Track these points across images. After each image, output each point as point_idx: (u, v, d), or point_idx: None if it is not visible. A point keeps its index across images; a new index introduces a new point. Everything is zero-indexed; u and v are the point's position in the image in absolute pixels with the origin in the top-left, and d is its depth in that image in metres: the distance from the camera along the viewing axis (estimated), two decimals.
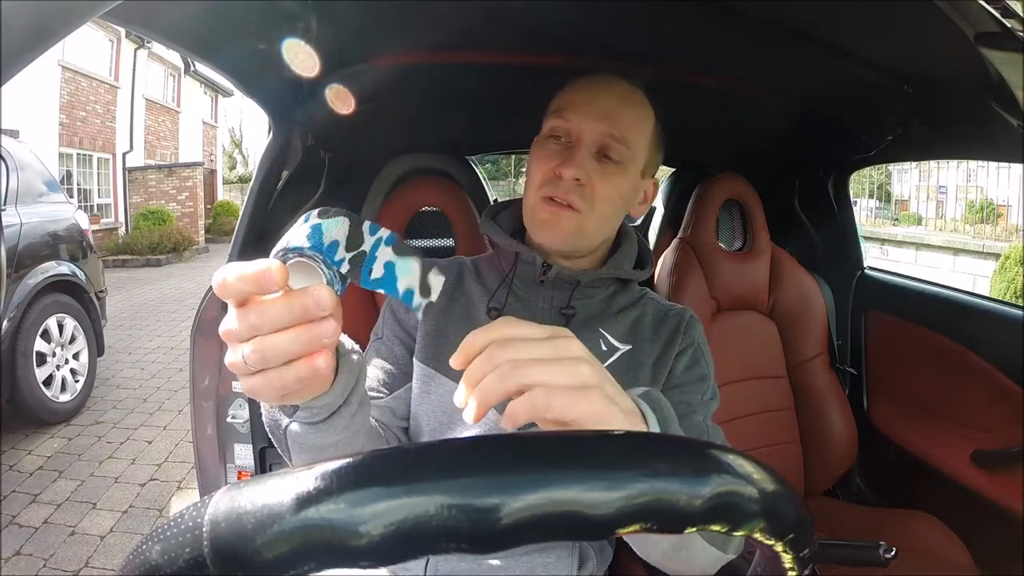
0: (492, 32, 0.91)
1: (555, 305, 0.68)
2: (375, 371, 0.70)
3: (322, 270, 0.34)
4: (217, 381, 1.03)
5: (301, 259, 0.34)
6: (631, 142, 0.65)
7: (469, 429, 0.63)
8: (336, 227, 0.35)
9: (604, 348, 0.67)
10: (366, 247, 0.36)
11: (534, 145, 0.70)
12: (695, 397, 0.66)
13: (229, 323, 0.33)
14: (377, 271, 0.36)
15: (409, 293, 0.37)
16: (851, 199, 1.47)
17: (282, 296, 0.32)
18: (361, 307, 1.10)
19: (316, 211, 0.36)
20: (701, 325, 0.71)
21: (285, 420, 0.44)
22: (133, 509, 2.14)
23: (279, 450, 0.48)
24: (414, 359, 0.70)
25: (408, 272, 0.36)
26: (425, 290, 0.37)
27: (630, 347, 0.67)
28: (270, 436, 0.48)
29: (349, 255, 0.35)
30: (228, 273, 0.32)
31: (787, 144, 1.35)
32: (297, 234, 0.35)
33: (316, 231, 0.35)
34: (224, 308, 0.35)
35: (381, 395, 0.69)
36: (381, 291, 0.36)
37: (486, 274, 0.74)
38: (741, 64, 0.99)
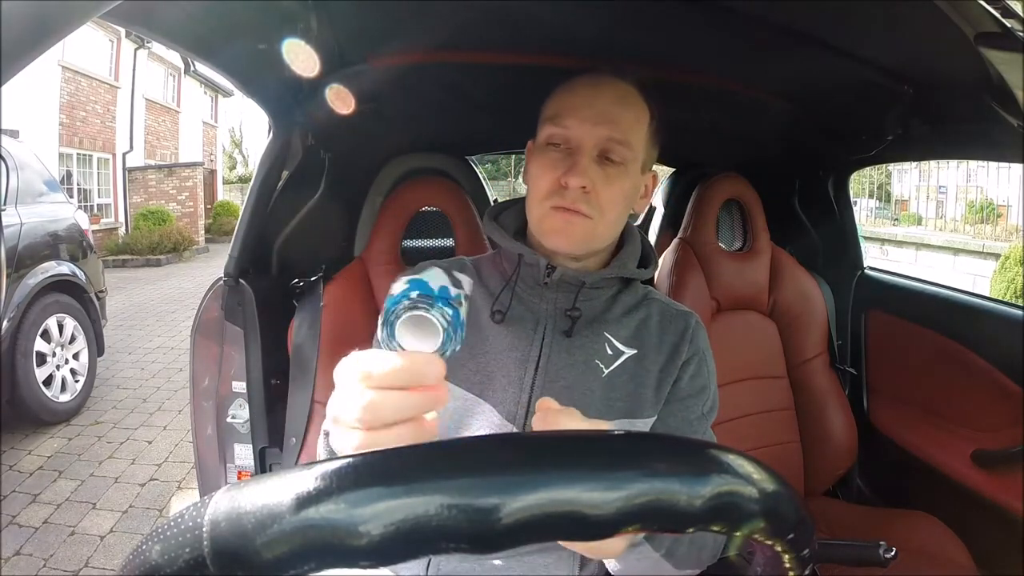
0: (492, 32, 0.91)
1: (559, 307, 0.68)
2: None
3: (437, 318, 0.35)
4: (217, 381, 1.03)
5: (415, 313, 0.35)
6: (631, 143, 0.65)
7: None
8: (435, 275, 0.37)
9: (609, 352, 0.66)
10: (466, 289, 0.37)
11: (531, 152, 0.69)
12: (694, 412, 0.66)
13: (346, 378, 0.35)
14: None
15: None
16: (851, 199, 1.47)
17: (401, 360, 0.34)
18: (361, 307, 1.10)
19: (406, 275, 0.37)
20: (705, 330, 0.71)
21: None
22: (133, 509, 2.14)
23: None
24: None
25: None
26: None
27: (635, 351, 0.67)
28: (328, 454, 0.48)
29: (461, 292, 0.37)
30: (379, 366, 0.33)
31: (787, 144, 1.35)
32: (400, 289, 0.36)
33: (419, 283, 0.36)
34: (223, 307, 0.35)
35: None
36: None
37: (488, 276, 0.73)
38: (741, 64, 0.99)
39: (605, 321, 0.68)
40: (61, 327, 2.97)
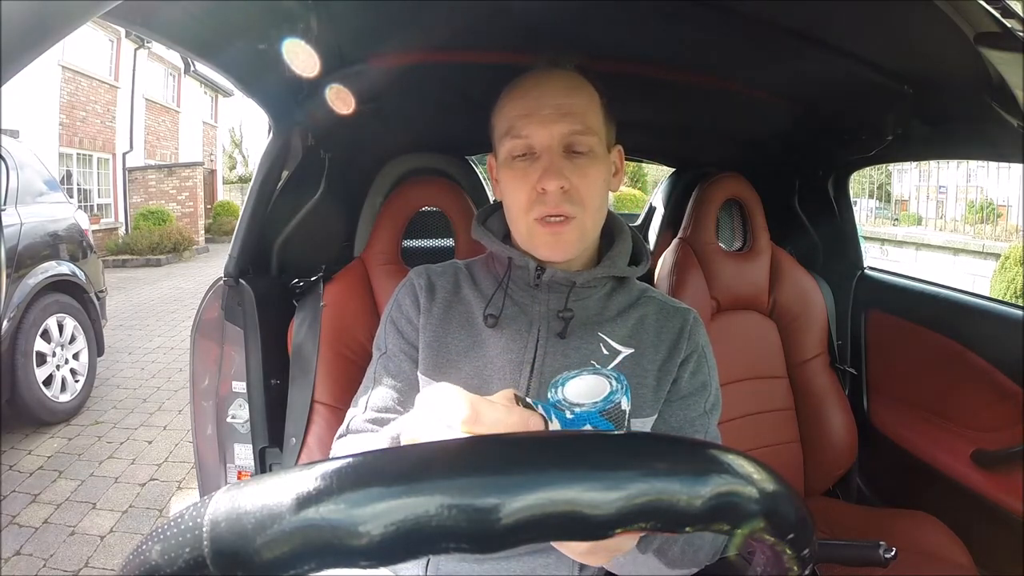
0: (492, 32, 0.91)
1: (552, 308, 0.68)
2: (388, 390, 0.69)
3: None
4: (217, 381, 1.03)
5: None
6: (592, 127, 0.65)
7: None
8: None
9: (605, 352, 0.66)
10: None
11: (500, 171, 0.69)
12: (695, 409, 0.66)
13: (443, 415, 0.37)
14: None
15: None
16: (851, 199, 1.47)
17: (510, 413, 0.36)
18: (360, 307, 1.10)
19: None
20: (704, 326, 0.71)
21: None
22: (133, 509, 2.14)
23: None
24: (418, 372, 0.69)
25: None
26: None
27: (633, 350, 0.66)
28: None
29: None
30: (489, 414, 0.35)
31: (787, 144, 1.35)
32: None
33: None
34: (223, 307, 0.35)
35: (397, 414, 0.67)
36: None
37: (481, 279, 0.73)
38: (741, 64, 0.99)
39: (600, 321, 0.68)
40: (61, 327, 2.97)
